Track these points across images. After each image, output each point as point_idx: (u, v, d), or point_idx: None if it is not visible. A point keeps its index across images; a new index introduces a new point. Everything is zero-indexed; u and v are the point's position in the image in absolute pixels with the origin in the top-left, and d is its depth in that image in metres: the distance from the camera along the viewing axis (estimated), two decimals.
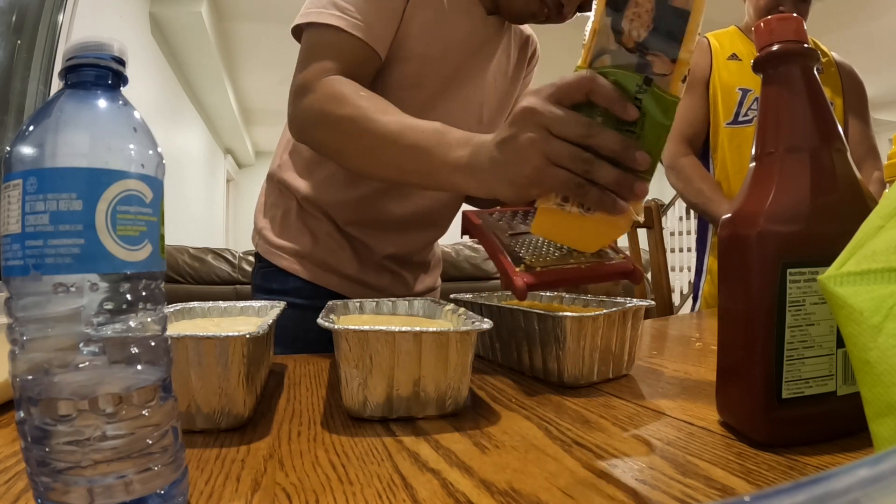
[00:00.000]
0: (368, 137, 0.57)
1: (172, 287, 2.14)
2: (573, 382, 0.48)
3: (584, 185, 0.43)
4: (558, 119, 0.43)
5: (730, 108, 1.26)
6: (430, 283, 0.95)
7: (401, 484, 0.28)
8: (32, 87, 2.12)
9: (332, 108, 0.60)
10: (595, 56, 0.42)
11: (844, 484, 0.10)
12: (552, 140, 0.43)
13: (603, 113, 0.42)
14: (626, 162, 0.42)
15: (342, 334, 0.38)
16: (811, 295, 0.31)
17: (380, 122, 0.57)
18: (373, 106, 0.58)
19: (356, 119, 0.58)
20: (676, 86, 0.41)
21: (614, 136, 0.42)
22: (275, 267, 0.81)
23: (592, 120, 0.43)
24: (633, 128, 0.42)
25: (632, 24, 0.41)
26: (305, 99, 0.62)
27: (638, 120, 0.42)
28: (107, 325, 0.22)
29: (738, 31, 1.34)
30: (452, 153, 0.51)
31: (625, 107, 0.41)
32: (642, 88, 0.41)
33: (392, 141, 0.55)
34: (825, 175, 0.33)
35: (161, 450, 0.23)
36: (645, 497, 0.26)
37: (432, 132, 0.54)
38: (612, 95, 0.41)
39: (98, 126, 0.23)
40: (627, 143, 0.42)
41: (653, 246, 1.33)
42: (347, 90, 0.60)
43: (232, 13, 3.72)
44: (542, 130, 0.43)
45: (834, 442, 0.32)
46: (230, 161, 7.05)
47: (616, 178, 0.43)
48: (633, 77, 0.41)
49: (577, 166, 0.43)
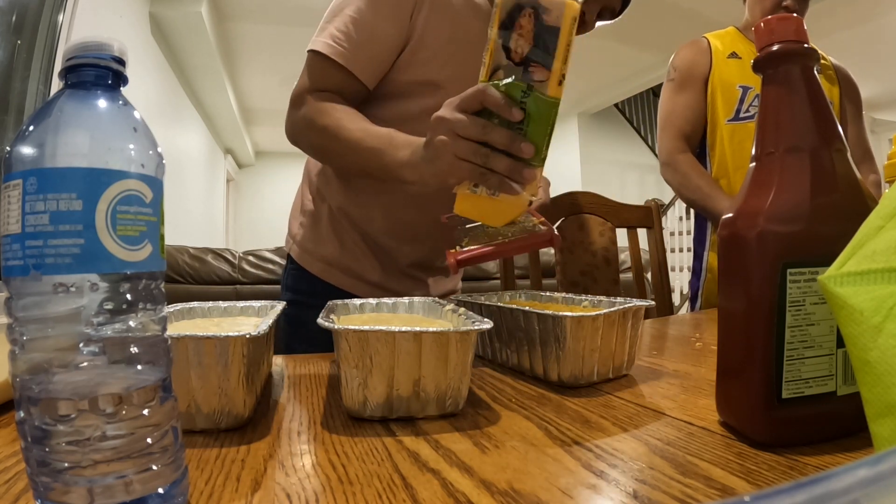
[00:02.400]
0: (340, 142, 0.72)
1: (172, 287, 2.14)
2: (573, 382, 0.48)
3: (486, 173, 0.55)
4: (460, 123, 0.54)
5: (730, 105, 1.26)
6: (452, 286, 1.00)
7: (401, 484, 0.28)
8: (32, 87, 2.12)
9: (316, 119, 0.74)
10: (492, 70, 0.53)
11: (844, 484, 0.10)
12: (458, 140, 0.54)
13: (498, 116, 0.53)
14: (515, 152, 0.53)
15: (342, 334, 0.38)
16: (811, 295, 0.31)
17: (348, 129, 0.71)
18: (345, 117, 0.73)
19: (332, 127, 0.72)
20: (554, 89, 0.51)
21: (503, 133, 0.53)
22: (305, 270, 0.88)
23: (488, 122, 0.53)
24: (521, 125, 0.53)
25: (517, 43, 0.51)
26: (299, 110, 0.77)
27: (524, 119, 0.52)
28: (107, 325, 0.22)
29: (737, 31, 1.34)
30: (398, 153, 0.65)
31: (510, 110, 0.52)
32: (526, 93, 0.52)
33: (356, 145, 0.70)
34: (825, 175, 0.33)
35: (161, 450, 0.23)
36: (645, 497, 0.26)
37: (385, 137, 0.68)
38: (499, 102, 0.52)
39: (98, 126, 0.23)
40: (513, 137, 0.53)
41: (653, 246, 1.33)
42: (328, 106, 0.75)
43: (232, 13, 3.71)
44: (450, 133, 0.55)
45: (834, 442, 0.32)
46: (230, 161, 7.04)
47: (508, 166, 0.53)
48: (518, 85, 0.52)
49: (477, 159, 0.54)
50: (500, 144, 0.53)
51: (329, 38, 0.75)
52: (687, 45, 1.34)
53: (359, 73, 0.76)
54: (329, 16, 0.77)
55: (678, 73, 1.32)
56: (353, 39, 0.74)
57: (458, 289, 1.03)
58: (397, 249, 0.87)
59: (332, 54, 0.74)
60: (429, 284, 0.93)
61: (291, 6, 3.53)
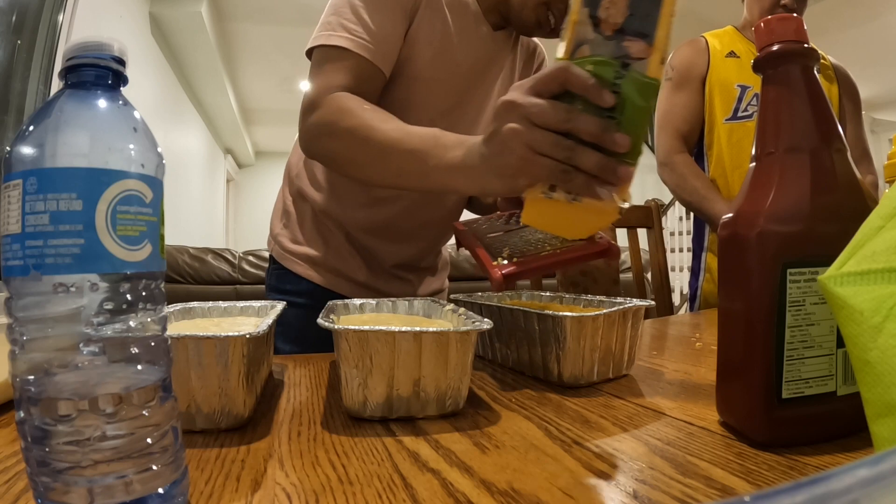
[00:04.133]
0: (372, 145, 0.60)
1: (172, 287, 2.14)
2: (573, 382, 0.48)
3: (569, 171, 0.43)
4: (537, 108, 0.43)
5: (728, 105, 1.26)
6: (438, 285, 0.98)
7: (401, 484, 0.28)
8: (32, 87, 2.12)
9: (338, 120, 0.63)
10: (575, 47, 0.43)
11: (844, 484, 0.10)
12: (534, 129, 0.44)
13: (583, 101, 0.43)
14: (607, 145, 0.42)
15: (342, 334, 0.38)
16: (811, 295, 0.31)
17: (381, 130, 0.59)
18: (375, 116, 0.61)
19: (360, 129, 0.61)
20: (655, 68, 0.41)
21: (592, 121, 0.42)
22: (288, 270, 0.85)
23: (571, 106, 0.43)
24: (613, 113, 0.42)
25: (608, 13, 0.41)
26: (314, 115, 0.66)
27: (617, 105, 0.42)
28: (107, 325, 0.22)
29: (735, 30, 1.34)
30: (448, 154, 0.53)
31: (600, 93, 0.42)
32: (621, 74, 0.42)
33: (393, 147, 0.58)
34: (825, 175, 0.33)
35: (161, 450, 0.23)
36: (645, 497, 0.26)
37: (429, 136, 0.56)
38: (587, 83, 0.42)
39: (98, 126, 0.23)
40: (606, 126, 0.42)
41: (653, 246, 1.33)
42: (352, 104, 0.63)
43: (232, 13, 3.71)
44: (524, 120, 0.44)
45: (834, 442, 0.32)
46: (230, 161, 7.04)
47: (598, 163, 0.43)
48: (611, 63, 0.42)
49: (559, 153, 0.43)
50: (589, 135, 0.42)
51: (344, 31, 0.67)
52: (685, 45, 1.34)
53: (382, 65, 0.69)
54: (332, 9, 0.70)
55: (676, 73, 1.32)
56: (371, 30, 0.68)
57: (444, 287, 1.00)
58: (382, 250, 0.86)
59: (353, 48, 0.67)
60: (416, 284, 0.91)
61: (291, 6, 3.53)
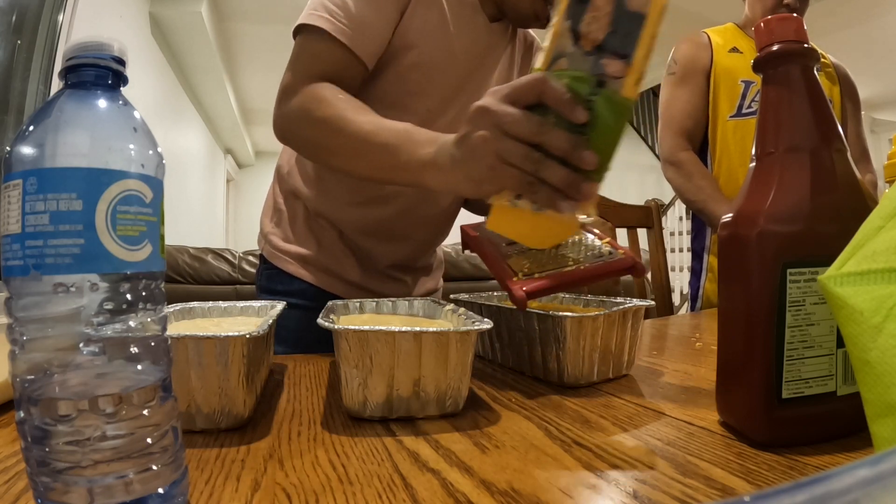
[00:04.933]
0: (345, 136, 0.60)
1: (172, 287, 2.14)
2: (573, 382, 0.48)
3: (535, 183, 0.44)
4: (510, 118, 0.43)
5: (732, 101, 1.25)
6: (432, 285, 0.97)
7: (401, 484, 0.28)
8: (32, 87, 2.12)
9: (313, 110, 0.63)
10: (554, 58, 0.43)
11: (844, 484, 0.10)
12: (504, 139, 0.44)
13: (556, 114, 0.43)
14: (574, 161, 0.43)
15: (342, 334, 0.38)
16: (811, 295, 0.31)
17: (355, 121, 0.59)
18: (350, 107, 0.61)
19: (334, 119, 0.61)
20: (630, 89, 0.41)
21: (563, 136, 0.43)
22: (280, 269, 0.83)
23: (544, 120, 0.43)
24: (584, 129, 0.43)
25: (590, 27, 0.42)
26: (290, 102, 0.65)
27: (589, 122, 0.42)
28: (107, 325, 0.22)
29: (736, 27, 1.34)
30: (419, 151, 0.53)
31: (573, 109, 0.42)
32: (595, 91, 0.42)
33: (365, 139, 0.58)
34: (825, 175, 0.33)
35: (161, 450, 0.23)
36: (645, 497, 0.26)
37: (402, 131, 0.56)
38: (562, 98, 0.42)
39: (98, 126, 0.23)
40: (576, 143, 0.42)
41: (653, 246, 1.33)
42: (327, 93, 0.63)
43: (232, 13, 3.71)
44: (495, 129, 0.44)
45: (834, 442, 0.32)
46: (230, 161, 7.04)
47: (564, 178, 0.43)
48: (587, 79, 0.42)
49: (526, 165, 0.44)
50: (558, 150, 0.43)
51: (325, 12, 0.65)
52: (686, 40, 1.33)
53: (361, 53, 0.66)
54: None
55: (679, 67, 1.30)
56: (352, 15, 0.65)
57: (439, 287, 0.99)
58: (376, 250, 0.84)
59: (333, 31, 0.64)
60: (410, 285, 0.90)
61: (291, 6, 3.53)
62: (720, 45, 1.29)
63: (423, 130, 0.56)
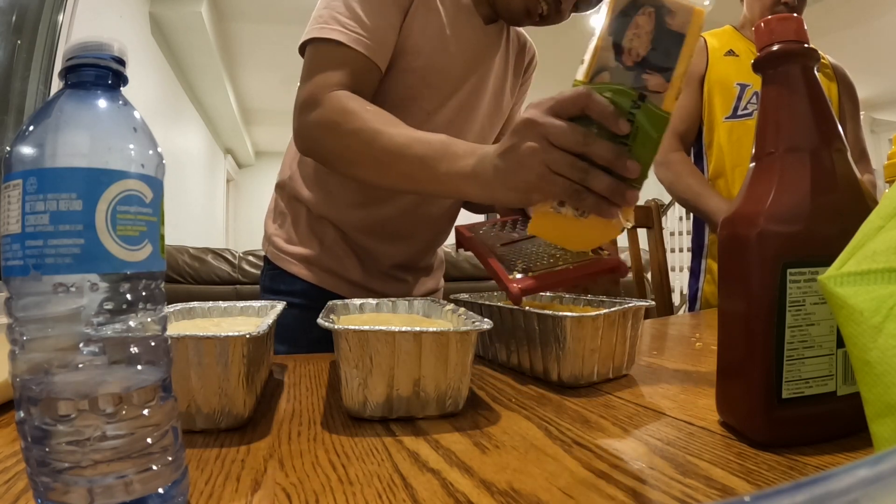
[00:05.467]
0: (378, 150, 0.60)
1: (172, 287, 2.14)
2: (573, 382, 0.48)
3: (581, 191, 0.46)
4: (557, 130, 0.46)
5: (728, 103, 1.25)
6: (433, 285, 0.98)
7: (401, 484, 0.28)
8: (32, 87, 2.12)
9: (341, 122, 0.63)
10: (596, 72, 0.45)
11: (844, 484, 0.10)
12: (552, 150, 0.46)
13: (598, 126, 0.45)
14: (619, 170, 0.45)
15: (342, 334, 0.38)
16: (811, 295, 0.31)
17: (389, 134, 0.60)
18: (380, 119, 0.62)
19: (365, 132, 0.61)
20: (669, 103, 0.44)
21: (608, 147, 0.45)
22: (283, 270, 0.84)
23: (588, 131, 0.45)
24: (625, 140, 0.45)
25: (632, 44, 0.44)
26: (313, 113, 0.65)
27: (631, 133, 0.45)
28: (107, 325, 0.22)
29: (733, 29, 1.34)
30: (458, 163, 0.55)
31: (616, 122, 0.44)
32: (637, 104, 0.44)
33: (401, 153, 0.59)
34: (825, 175, 0.33)
35: (161, 450, 0.23)
36: (645, 497, 0.26)
37: (439, 144, 0.58)
38: (606, 111, 0.44)
39: (98, 126, 0.23)
40: (620, 153, 0.45)
41: (653, 246, 1.33)
42: (355, 105, 0.63)
43: (232, 13, 3.71)
44: (543, 140, 0.46)
45: (834, 442, 0.32)
46: (230, 161, 7.04)
47: (609, 186, 0.45)
48: (629, 94, 0.44)
49: (574, 174, 0.46)
50: (603, 160, 0.45)
51: (338, 24, 0.66)
52: None
53: (378, 60, 0.68)
54: (323, 3, 0.69)
55: None
56: (365, 24, 0.67)
57: (440, 287, 1.00)
58: (378, 250, 0.85)
59: (348, 42, 0.66)
60: (412, 285, 0.91)
61: (291, 6, 3.53)
62: (716, 49, 1.30)
63: (460, 142, 0.57)
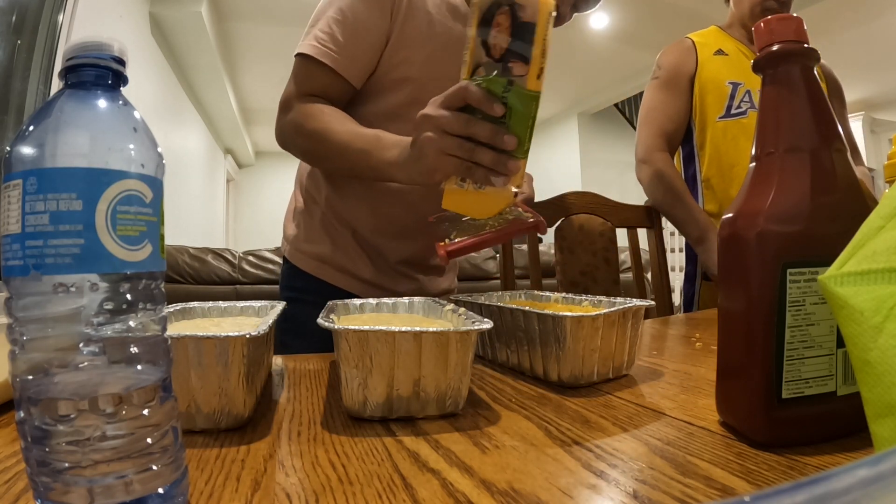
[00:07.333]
0: (329, 145, 0.74)
1: (172, 287, 2.14)
2: (573, 382, 0.48)
3: (472, 166, 0.57)
4: (444, 119, 0.56)
5: (720, 103, 1.24)
6: (447, 285, 1.01)
7: (401, 484, 0.28)
8: (32, 87, 2.12)
9: (303, 123, 0.77)
10: (474, 68, 0.55)
11: (844, 484, 0.10)
12: (444, 136, 0.56)
13: (481, 112, 0.55)
14: (499, 145, 0.55)
15: (342, 334, 0.38)
16: (811, 295, 0.31)
17: (336, 132, 0.74)
18: (333, 120, 0.75)
19: (320, 131, 0.75)
20: (533, 82, 0.53)
21: (487, 126, 0.55)
22: (299, 268, 0.90)
23: (471, 116, 0.55)
24: (504, 119, 0.55)
25: (496, 40, 0.53)
26: (286, 115, 0.79)
27: (507, 113, 0.54)
28: (107, 325, 0.22)
29: (719, 29, 1.34)
30: (386, 154, 0.67)
31: (491, 105, 0.54)
32: (507, 88, 0.53)
33: (344, 147, 0.73)
34: (825, 175, 0.33)
35: (161, 450, 0.23)
36: (645, 497, 0.26)
37: (373, 137, 0.70)
38: (481, 98, 0.54)
39: (98, 126, 0.23)
40: (496, 130, 0.55)
41: (653, 246, 1.33)
42: (315, 109, 0.77)
43: (232, 13, 3.71)
44: (436, 129, 0.57)
45: (834, 442, 0.32)
46: (230, 161, 7.04)
47: (493, 159, 0.55)
48: (499, 81, 0.53)
49: (463, 153, 0.56)
50: (484, 138, 0.55)
51: (313, 40, 0.77)
52: (671, 46, 1.33)
53: (344, 73, 0.78)
54: (313, 20, 0.79)
55: (664, 71, 1.30)
56: (337, 40, 0.76)
57: (453, 288, 1.03)
58: (386, 247, 0.89)
59: (317, 55, 0.76)
60: (423, 282, 0.94)
61: (291, 6, 3.53)
62: (704, 49, 1.29)
63: (389, 136, 0.69)
